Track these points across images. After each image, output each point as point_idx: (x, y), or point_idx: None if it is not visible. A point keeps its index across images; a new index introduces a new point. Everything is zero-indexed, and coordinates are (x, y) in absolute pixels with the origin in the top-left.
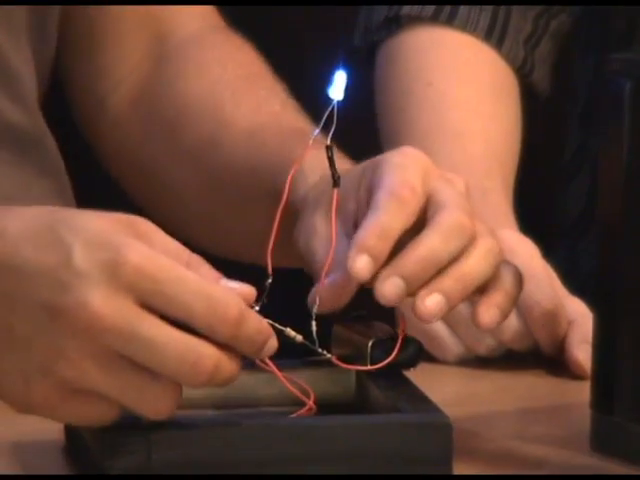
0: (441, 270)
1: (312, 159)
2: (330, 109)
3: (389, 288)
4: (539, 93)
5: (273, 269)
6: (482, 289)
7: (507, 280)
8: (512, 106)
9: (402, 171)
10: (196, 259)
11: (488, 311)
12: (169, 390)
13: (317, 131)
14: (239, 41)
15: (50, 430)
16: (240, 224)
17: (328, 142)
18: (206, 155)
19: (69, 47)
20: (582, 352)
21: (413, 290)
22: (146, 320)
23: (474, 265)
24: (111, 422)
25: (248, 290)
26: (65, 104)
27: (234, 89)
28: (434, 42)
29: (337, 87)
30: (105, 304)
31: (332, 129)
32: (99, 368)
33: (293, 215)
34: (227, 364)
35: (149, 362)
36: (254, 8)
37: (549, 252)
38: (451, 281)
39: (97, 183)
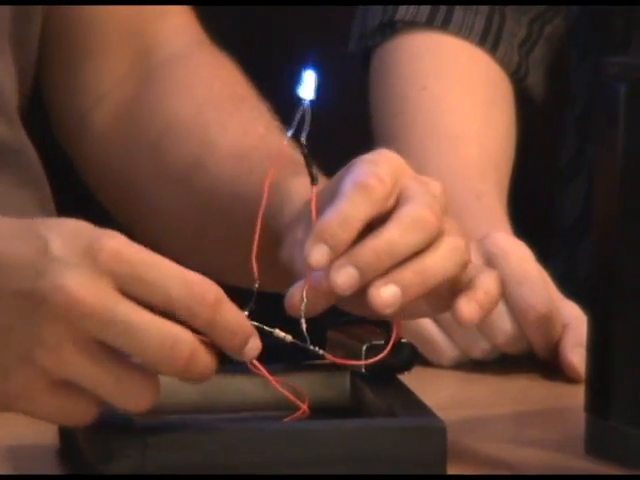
0: (401, 263)
1: (299, 187)
2: (302, 108)
3: (342, 278)
4: (534, 97)
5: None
6: (457, 290)
7: (487, 281)
8: (506, 110)
9: (371, 164)
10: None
11: (468, 305)
12: (148, 383)
13: (291, 131)
14: (223, 59)
15: (45, 433)
16: (227, 249)
17: (303, 141)
18: (190, 177)
19: (50, 60)
20: (576, 355)
21: (367, 281)
22: (124, 304)
23: (436, 260)
24: (91, 421)
25: None
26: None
27: (220, 110)
28: (429, 47)
29: (307, 87)
30: (82, 287)
31: (306, 129)
32: (78, 355)
33: (278, 241)
34: (203, 354)
35: (127, 346)
36: (246, 9)
37: (547, 256)
38: (409, 273)
39: (80, 193)
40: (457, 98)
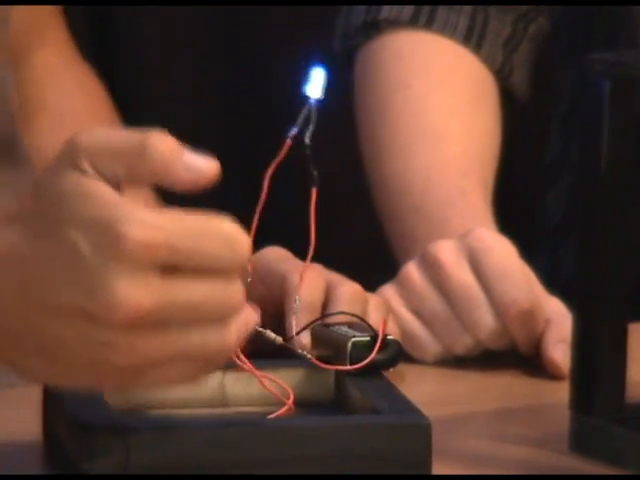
0: None
1: None
2: (308, 107)
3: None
4: (518, 96)
5: None
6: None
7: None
8: (491, 108)
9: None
10: (153, 145)
11: (558, 351)
12: (227, 332)
13: (295, 130)
14: (92, 84)
15: (28, 430)
16: None
17: (307, 141)
18: None
19: None
20: (558, 352)
21: None
22: (179, 289)
23: None
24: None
25: (210, 164)
26: None
27: None
28: (413, 46)
29: (315, 85)
30: (134, 295)
31: (310, 128)
32: (155, 346)
33: None
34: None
35: (197, 318)
36: (233, 9)
37: (531, 255)
38: None
39: None
40: (442, 97)
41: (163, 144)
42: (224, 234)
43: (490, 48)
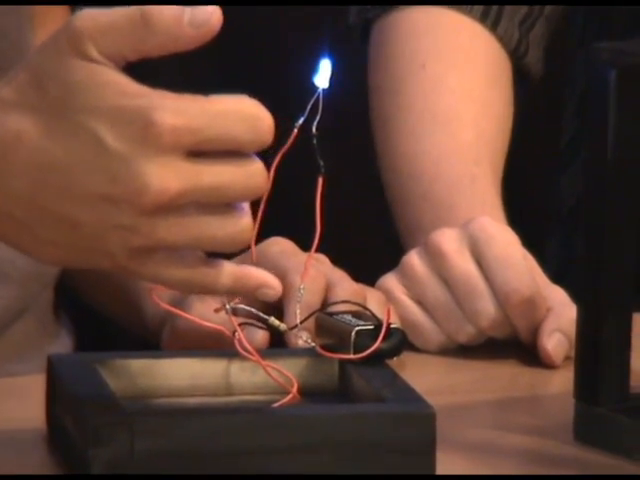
0: None
1: None
2: (315, 97)
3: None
4: (532, 75)
5: None
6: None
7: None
8: (505, 90)
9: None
10: (155, 15)
11: (552, 341)
12: (243, 221)
13: (302, 118)
14: None
15: (32, 419)
16: None
17: (314, 130)
18: None
19: None
20: (551, 341)
21: None
22: (203, 172)
23: None
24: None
25: (212, 10)
26: None
27: None
28: (429, 24)
29: (322, 75)
30: (161, 178)
31: (317, 117)
32: (173, 231)
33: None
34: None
35: (220, 201)
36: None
37: (545, 240)
38: None
39: None
40: (456, 78)
41: (164, 11)
42: (246, 114)
43: (507, 26)
